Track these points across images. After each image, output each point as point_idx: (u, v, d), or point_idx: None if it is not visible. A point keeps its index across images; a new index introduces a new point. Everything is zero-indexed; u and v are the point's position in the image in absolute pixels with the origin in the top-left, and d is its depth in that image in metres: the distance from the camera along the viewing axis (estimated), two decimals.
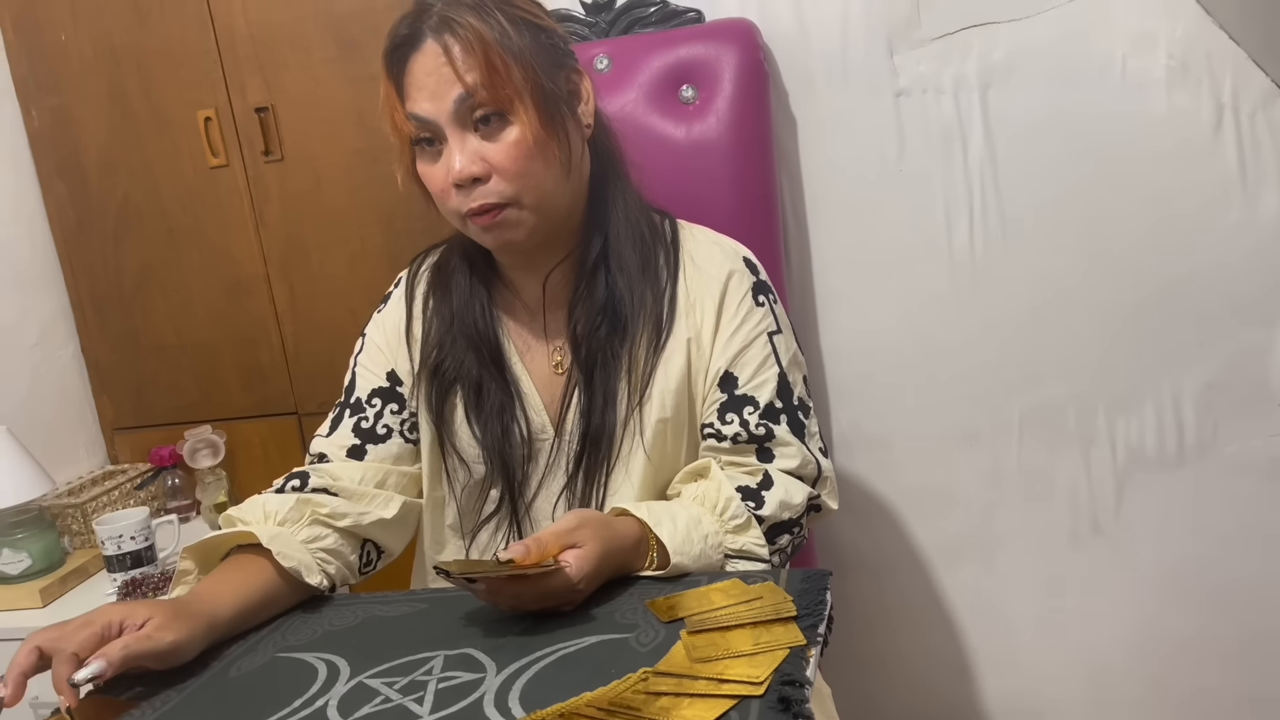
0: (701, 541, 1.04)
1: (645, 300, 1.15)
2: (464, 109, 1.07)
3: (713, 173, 1.53)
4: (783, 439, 1.14)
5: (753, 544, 1.07)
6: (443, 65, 1.06)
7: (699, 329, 1.16)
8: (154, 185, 1.92)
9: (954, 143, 1.61)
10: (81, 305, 2.01)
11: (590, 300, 1.16)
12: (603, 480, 1.16)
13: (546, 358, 1.19)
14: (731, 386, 1.15)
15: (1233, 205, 1.54)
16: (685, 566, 1.03)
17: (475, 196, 1.08)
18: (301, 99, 1.82)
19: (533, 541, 0.96)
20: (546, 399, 1.18)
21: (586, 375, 1.15)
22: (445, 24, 1.07)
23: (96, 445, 2.06)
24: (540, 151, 1.08)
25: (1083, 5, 1.53)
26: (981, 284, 1.65)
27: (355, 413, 1.21)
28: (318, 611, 1.06)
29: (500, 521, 1.20)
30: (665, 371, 1.15)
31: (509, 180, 1.08)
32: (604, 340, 1.15)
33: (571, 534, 0.98)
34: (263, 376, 1.96)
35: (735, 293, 1.17)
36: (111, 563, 1.68)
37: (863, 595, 1.79)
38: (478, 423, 1.17)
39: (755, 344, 1.16)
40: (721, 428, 1.14)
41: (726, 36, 1.56)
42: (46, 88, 1.92)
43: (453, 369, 1.18)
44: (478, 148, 1.08)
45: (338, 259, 1.87)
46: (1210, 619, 1.68)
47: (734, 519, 1.07)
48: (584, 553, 0.97)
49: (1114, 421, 1.65)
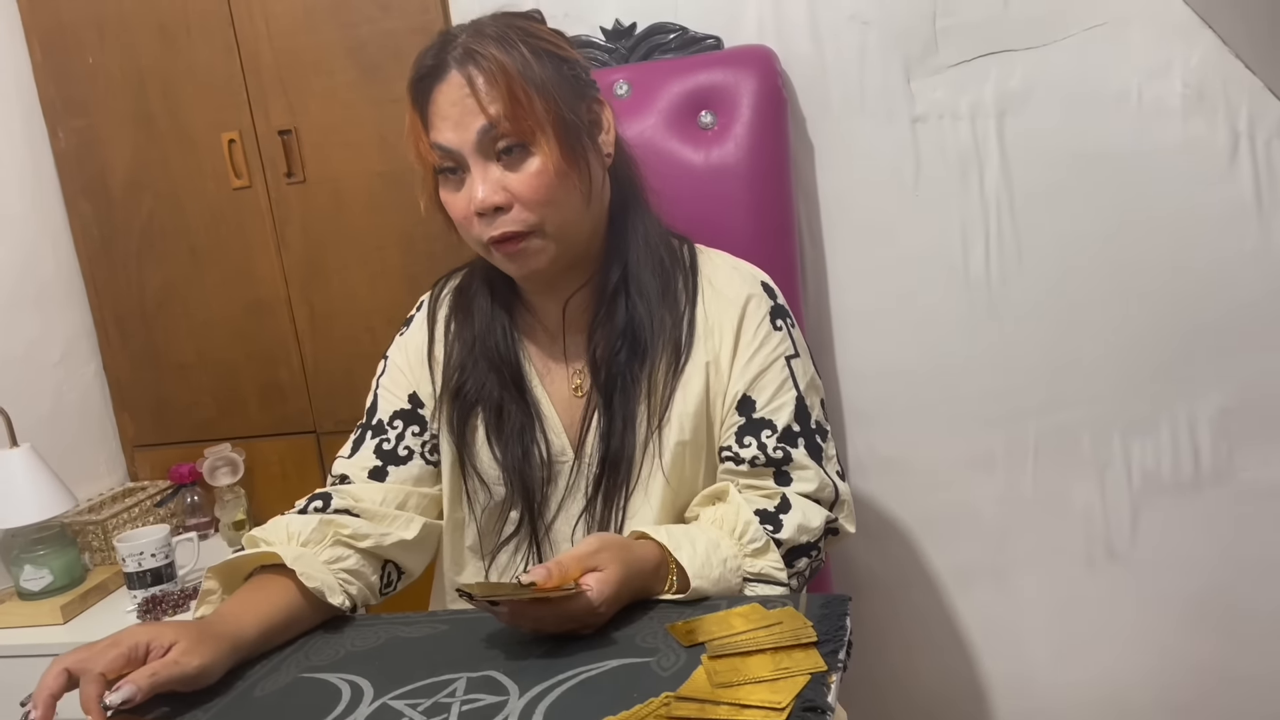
0: (721, 565, 1.05)
1: (664, 324, 1.17)
2: (487, 140, 1.09)
3: (731, 198, 1.55)
4: (800, 462, 1.15)
5: (771, 568, 1.08)
6: (466, 96, 1.08)
7: (717, 353, 1.17)
8: (178, 206, 1.95)
9: (970, 169, 1.63)
10: (104, 324, 2.04)
11: (610, 325, 1.17)
12: (622, 503, 1.17)
13: (566, 381, 1.21)
14: (749, 410, 1.16)
15: (1248, 232, 1.55)
16: (704, 590, 1.03)
17: (497, 225, 1.10)
18: (324, 122, 1.85)
19: (554, 565, 0.97)
20: (566, 421, 1.19)
21: (606, 399, 1.16)
22: (469, 55, 1.09)
23: (117, 462, 2.08)
24: (561, 181, 1.10)
25: (1099, 34, 1.54)
26: (997, 308, 1.66)
27: (377, 434, 1.23)
28: (340, 632, 1.07)
29: (520, 543, 1.21)
30: (684, 395, 1.16)
31: (531, 209, 1.10)
32: (624, 364, 1.16)
33: (593, 557, 0.99)
34: (282, 395, 1.98)
35: (753, 317, 1.18)
36: (132, 580, 1.69)
37: (878, 617, 1.79)
38: (498, 444, 1.19)
39: (773, 368, 1.17)
40: (740, 451, 1.15)
41: (745, 63, 1.58)
42: (74, 109, 1.95)
43: (474, 391, 1.20)
44: (500, 177, 1.09)
45: (358, 279, 1.89)
46: (1228, 645, 1.68)
47: (753, 542, 1.08)
48: (605, 576, 0.98)
49: (1129, 445, 1.66)
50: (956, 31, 1.59)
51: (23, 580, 1.73)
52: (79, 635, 1.65)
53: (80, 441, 2.00)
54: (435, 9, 1.76)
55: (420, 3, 1.76)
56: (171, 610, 1.66)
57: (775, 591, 1.07)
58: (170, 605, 1.66)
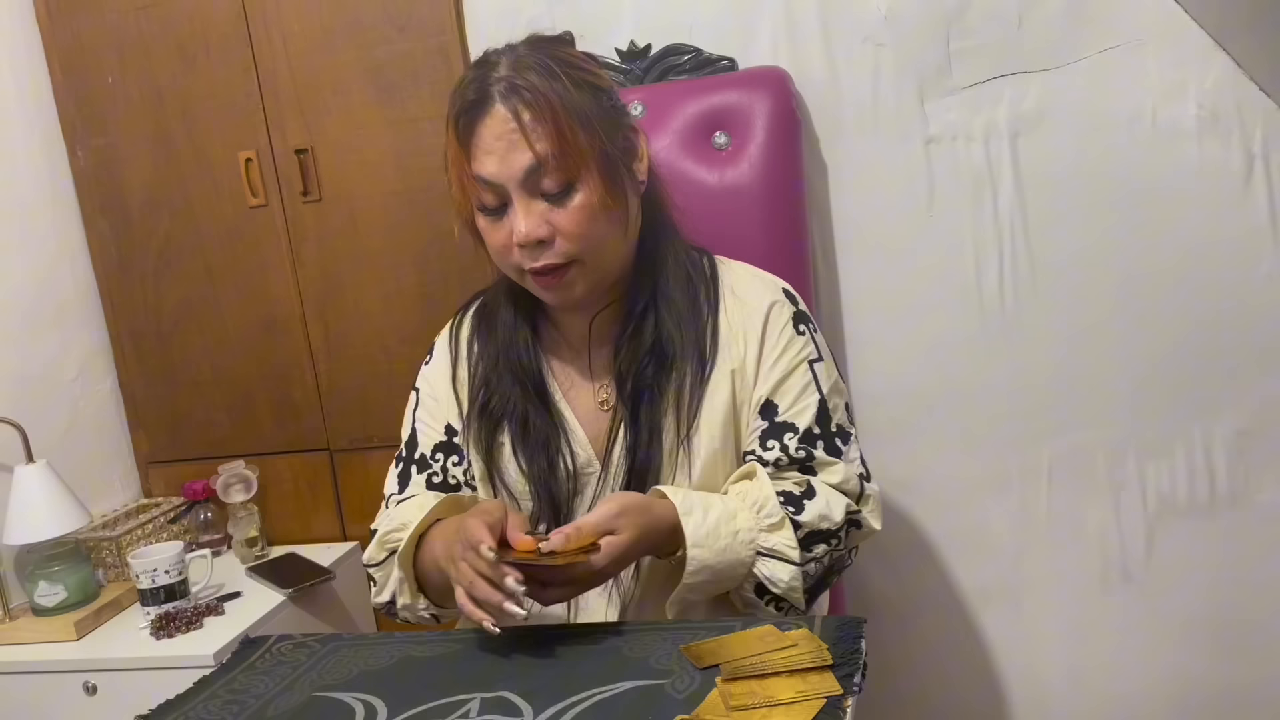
0: (730, 536, 1.07)
1: (689, 336, 1.18)
2: (533, 177, 1.10)
3: (745, 217, 1.55)
4: (822, 460, 1.17)
5: (784, 544, 1.09)
6: (512, 131, 1.09)
7: (743, 359, 1.18)
8: (194, 224, 1.96)
9: (984, 190, 1.63)
10: (121, 341, 2.05)
11: (638, 341, 1.18)
12: None
13: (591, 395, 1.22)
14: (772, 414, 1.17)
15: (1264, 255, 1.55)
16: (703, 559, 1.06)
17: (539, 257, 1.11)
18: (340, 141, 1.86)
19: (572, 529, 1.02)
20: (591, 434, 1.20)
21: (632, 411, 1.17)
22: (514, 89, 1.09)
23: (131, 478, 2.09)
24: (604, 214, 1.12)
25: (1113, 55, 1.55)
26: (1011, 330, 1.66)
27: (424, 469, 1.25)
28: (354, 650, 1.07)
29: None
30: (711, 403, 1.17)
31: (572, 242, 1.11)
32: (650, 378, 1.17)
33: (612, 521, 1.04)
34: (296, 413, 1.99)
35: (776, 322, 1.20)
36: (145, 596, 1.69)
37: (892, 640, 1.78)
38: (524, 455, 1.20)
39: (796, 372, 1.18)
40: (763, 454, 1.17)
41: (759, 84, 1.59)
42: (93, 129, 1.97)
43: (499, 405, 1.21)
44: (543, 211, 1.11)
45: (372, 298, 1.90)
46: (1244, 668, 1.66)
47: (769, 517, 1.09)
48: (616, 541, 1.03)
49: (1144, 468, 1.65)
50: (970, 53, 1.59)
51: (37, 596, 1.74)
52: (92, 652, 1.65)
53: (95, 457, 2.01)
54: (451, 30, 1.77)
55: (437, 24, 1.78)
56: (185, 628, 1.66)
57: (786, 570, 1.09)
58: (184, 622, 1.66)
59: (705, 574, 1.07)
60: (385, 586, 1.18)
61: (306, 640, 1.11)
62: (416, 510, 1.16)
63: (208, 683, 1.04)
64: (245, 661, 1.08)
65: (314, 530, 2.02)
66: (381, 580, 1.19)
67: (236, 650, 1.11)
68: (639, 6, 1.70)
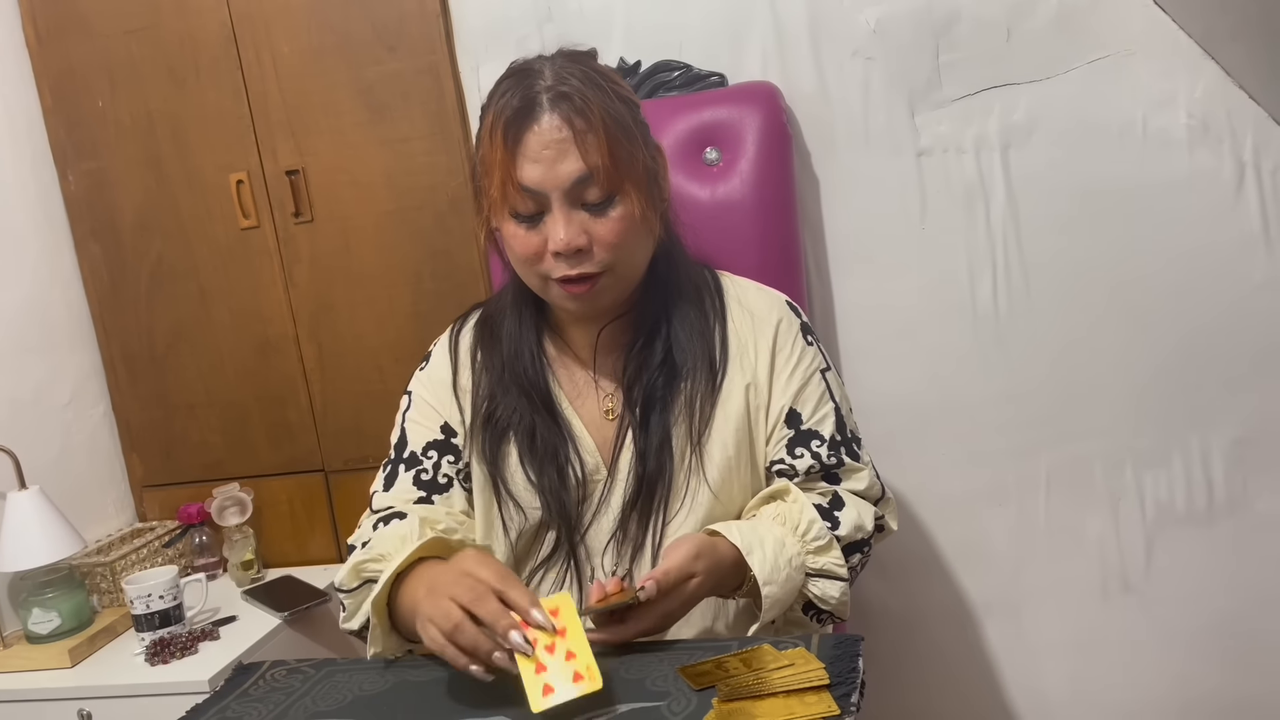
0: (786, 565, 1.08)
1: (700, 348, 1.19)
2: (578, 187, 1.09)
3: (737, 233, 1.55)
4: (850, 466, 1.19)
5: (833, 564, 1.11)
6: (561, 140, 1.08)
7: (754, 371, 1.19)
8: (186, 247, 1.96)
9: (976, 202, 1.63)
10: (113, 364, 2.04)
11: (649, 353, 1.18)
12: (660, 522, 1.17)
13: (597, 404, 1.21)
14: (797, 423, 1.18)
15: (1257, 262, 1.55)
16: (774, 595, 1.06)
17: (575, 265, 1.10)
18: (332, 162, 1.86)
19: (662, 575, 1.02)
20: (599, 441, 1.20)
21: (643, 419, 1.17)
22: (563, 97, 1.09)
23: (125, 503, 2.08)
24: (640, 227, 1.12)
25: (1102, 66, 1.55)
26: (1006, 341, 1.65)
27: (411, 466, 1.23)
28: (348, 675, 1.06)
29: (555, 562, 1.20)
30: (724, 412, 1.18)
31: (610, 252, 1.11)
32: (661, 388, 1.17)
33: (692, 564, 1.04)
34: (291, 434, 1.98)
35: (788, 334, 1.21)
36: (140, 622, 1.68)
37: (891, 653, 1.78)
38: (532, 467, 1.19)
39: (812, 381, 1.20)
40: (794, 462, 1.17)
41: (749, 99, 1.59)
42: (84, 153, 1.97)
43: (505, 417, 1.21)
44: (583, 220, 1.10)
45: (366, 318, 1.90)
46: (1244, 676, 1.66)
47: (816, 540, 1.10)
48: (696, 584, 1.04)
49: (1142, 477, 1.65)
50: (959, 66, 1.60)
51: (31, 623, 1.73)
52: (86, 680, 1.64)
53: (89, 482, 2.00)
54: (441, 50, 1.78)
55: (427, 44, 1.78)
56: (180, 653, 1.65)
57: (837, 587, 1.11)
58: (179, 647, 1.65)
59: (775, 609, 1.08)
60: (355, 616, 1.14)
61: (300, 666, 1.10)
62: (398, 543, 1.12)
63: (200, 711, 1.03)
64: (239, 689, 1.07)
65: (310, 552, 2.01)
66: (352, 608, 1.14)
67: (230, 677, 1.10)
68: (629, 23, 1.70)
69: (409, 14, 1.78)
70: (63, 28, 1.93)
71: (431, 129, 1.80)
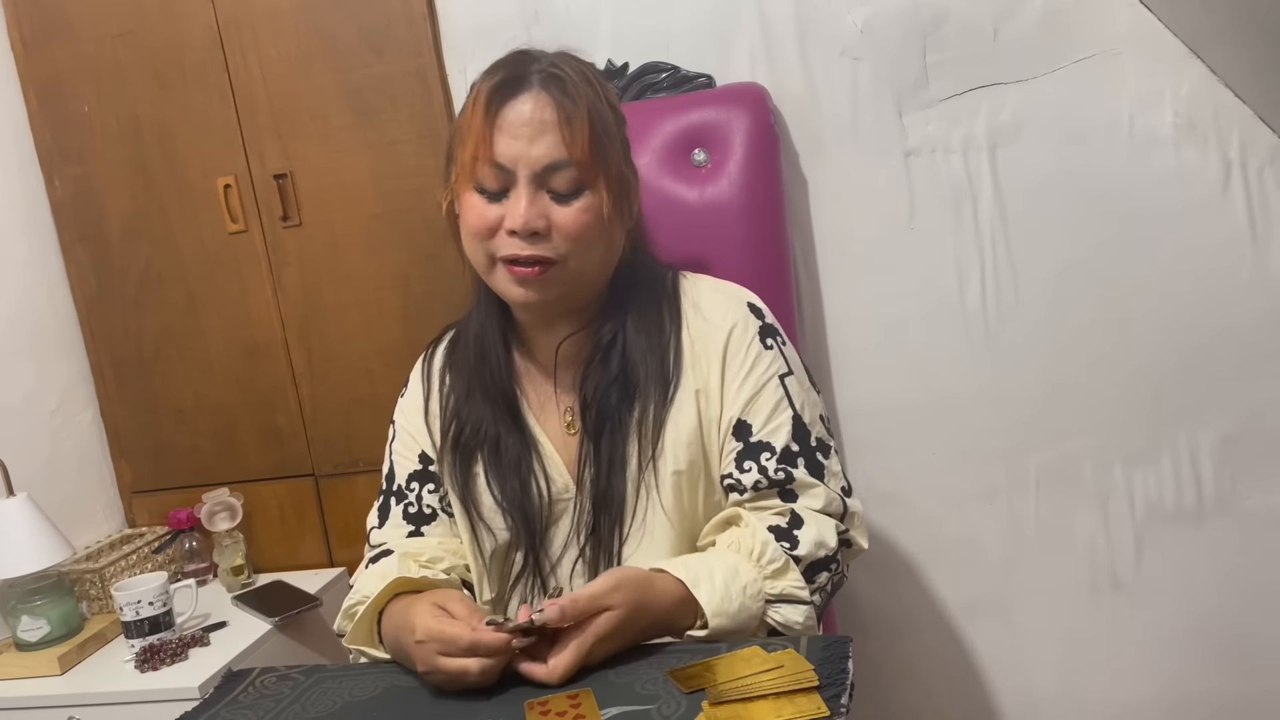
0: (740, 594, 1.04)
1: (654, 363, 1.16)
2: (549, 172, 1.08)
3: (726, 234, 1.55)
4: (803, 481, 1.13)
5: (792, 587, 1.07)
6: (542, 120, 1.08)
7: (706, 379, 1.16)
8: (174, 251, 1.95)
9: (964, 201, 1.63)
10: (101, 370, 2.03)
11: (605, 369, 1.16)
12: (616, 546, 1.16)
13: (558, 417, 1.20)
14: (746, 434, 1.14)
15: (1244, 261, 1.55)
16: (725, 627, 1.03)
17: (529, 247, 1.09)
18: (319, 165, 1.85)
19: (569, 602, 0.97)
20: (565, 458, 1.19)
21: (595, 440, 1.16)
22: (552, 78, 1.09)
23: (115, 509, 2.07)
24: (600, 228, 1.11)
25: (1088, 65, 1.55)
26: (995, 340, 1.66)
27: (400, 500, 1.24)
28: (337, 681, 1.06)
29: (526, 582, 1.20)
30: (675, 424, 1.15)
31: (566, 241, 1.10)
32: (614, 406, 1.15)
33: (607, 596, 0.99)
34: (280, 439, 1.97)
35: (741, 340, 1.16)
36: (129, 629, 1.67)
37: (882, 653, 1.78)
38: (496, 480, 1.18)
39: (766, 389, 1.15)
40: (740, 477, 1.14)
41: (737, 101, 1.59)
42: (70, 158, 1.96)
43: (471, 433, 1.19)
44: (546, 206, 1.09)
45: (355, 322, 1.89)
46: (1234, 673, 1.66)
47: (771, 563, 1.07)
48: (609, 617, 0.98)
49: (1131, 476, 1.65)
50: (947, 66, 1.60)
51: (20, 631, 1.72)
52: (76, 687, 1.63)
53: (78, 489, 1.99)
54: (429, 53, 1.77)
55: (414, 47, 1.78)
56: (170, 660, 1.64)
57: (799, 612, 1.07)
58: (169, 654, 1.64)
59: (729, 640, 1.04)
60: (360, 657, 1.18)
61: (290, 673, 1.09)
62: (379, 581, 1.14)
63: (191, 717, 1.02)
64: (229, 695, 1.06)
65: (300, 557, 2.00)
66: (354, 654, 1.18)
67: (219, 685, 1.09)
68: (616, 25, 1.70)
69: (395, 17, 1.77)
70: (48, 32, 1.93)
71: (419, 132, 1.80)
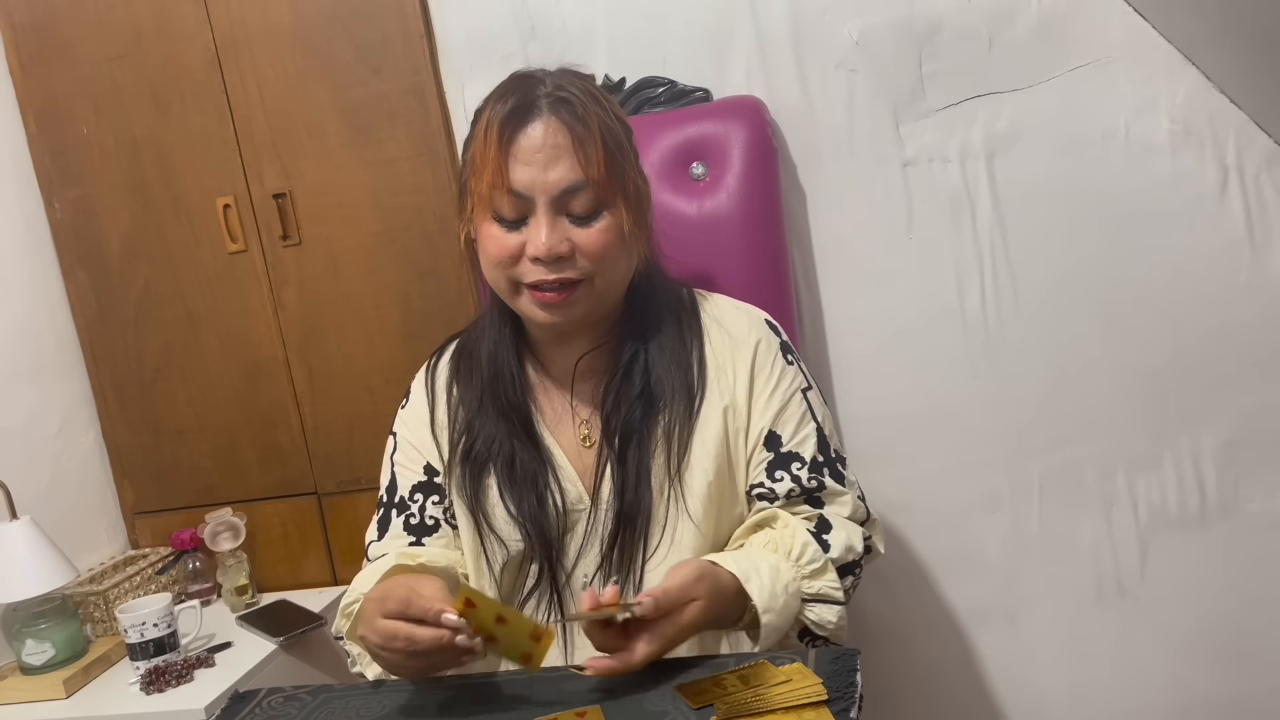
0: (784, 592, 1.06)
1: (678, 376, 1.17)
2: (566, 195, 1.09)
3: (725, 247, 1.55)
4: (833, 489, 1.16)
5: (829, 587, 1.09)
6: (555, 145, 1.08)
7: (733, 393, 1.17)
8: (174, 272, 1.95)
9: (962, 210, 1.63)
10: (103, 391, 2.03)
11: (628, 385, 1.17)
12: (641, 557, 1.16)
13: (573, 431, 1.20)
14: (776, 445, 1.17)
15: (1242, 265, 1.55)
16: (774, 624, 1.05)
17: (555, 271, 1.09)
18: (318, 185, 1.86)
19: (660, 593, 0.99)
20: (579, 470, 1.19)
21: (619, 453, 1.16)
22: (562, 102, 1.09)
23: (117, 530, 2.07)
24: (622, 245, 1.12)
25: (1084, 73, 1.56)
26: (995, 348, 1.66)
27: (402, 511, 1.23)
28: (345, 701, 1.06)
29: (541, 595, 1.19)
30: (702, 438, 1.16)
31: (591, 260, 1.10)
32: (639, 421, 1.16)
33: (694, 587, 1.01)
34: (282, 458, 1.97)
35: (766, 355, 1.19)
36: (134, 651, 1.67)
37: (887, 662, 1.77)
38: (511, 495, 1.18)
39: (792, 402, 1.18)
40: (774, 485, 1.16)
41: (734, 114, 1.59)
42: (69, 180, 1.96)
43: (484, 448, 1.19)
44: (566, 230, 1.10)
45: (355, 340, 1.89)
46: (1240, 677, 1.66)
47: (810, 563, 1.09)
48: (696, 607, 1.00)
49: (1134, 481, 1.65)
50: (942, 76, 1.60)
51: (25, 655, 1.71)
52: (82, 710, 1.63)
53: (80, 511, 1.99)
54: (426, 70, 1.78)
55: (411, 65, 1.78)
56: (175, 681, 1.64)
57: (834, 611, 1.09)
58: (174, 676, 1.64)
59: (773, 637, 1.06)
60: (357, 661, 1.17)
61: (297, 693, 1.09)
62: (375, 577, 1.14)
63: None
64: (235, 717, 1.06)
65: (304, 576, 2.00)
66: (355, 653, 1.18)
67: (226, 706, 1.09)
68: (613, 40, 1.70)
69: (392, 35, 1.78)
70: (46, 55, 1.93)
71: (417, 149, 1.81)
